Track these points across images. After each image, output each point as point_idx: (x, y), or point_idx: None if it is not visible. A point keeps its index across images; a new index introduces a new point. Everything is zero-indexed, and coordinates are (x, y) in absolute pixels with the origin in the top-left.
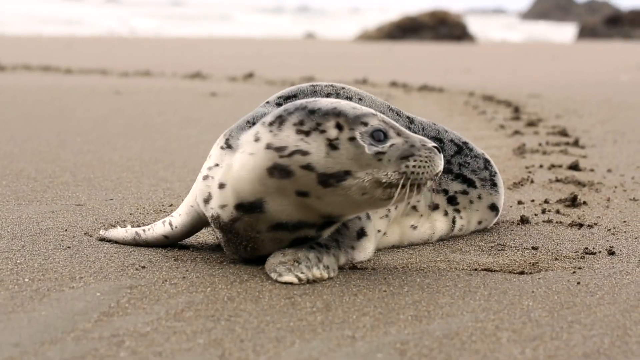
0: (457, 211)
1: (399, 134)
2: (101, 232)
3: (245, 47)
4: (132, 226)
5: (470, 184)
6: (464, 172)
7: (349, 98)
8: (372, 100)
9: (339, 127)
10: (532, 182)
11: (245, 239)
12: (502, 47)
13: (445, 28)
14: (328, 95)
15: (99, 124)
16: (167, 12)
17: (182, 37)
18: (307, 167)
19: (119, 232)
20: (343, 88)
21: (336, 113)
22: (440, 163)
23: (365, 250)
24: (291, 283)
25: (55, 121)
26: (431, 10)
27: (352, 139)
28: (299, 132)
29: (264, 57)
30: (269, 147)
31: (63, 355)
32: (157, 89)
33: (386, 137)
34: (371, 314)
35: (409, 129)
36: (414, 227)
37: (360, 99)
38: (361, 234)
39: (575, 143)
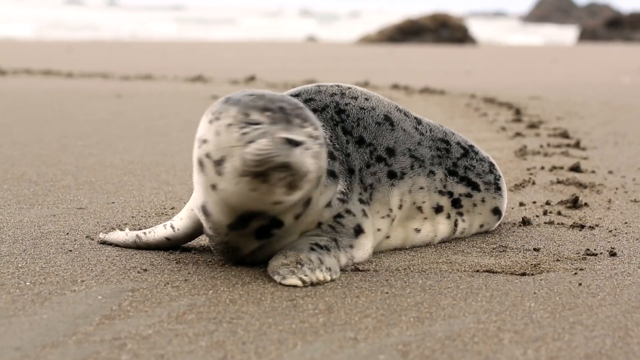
0: (460, 214)
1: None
2: (101, 235)
3: (246, 51)
4: (132, 229)
5: (475, 187)
6: (469, 175)
7: (355, 98)
8: (379, 100)
9: (224, 116)
10: (533, 183)
11: (221, 243)
12: (503, 50)
13: (447, 31)
14: (332, 95)
15: (100, 127)
16: (168, 15)
17: (183, 40)
18: (207, 155)
19: (119, 235)
20: (349, 88)
21: (232, 102)
22: (305, 161)
23: (363, 248)
24: (295, 286)
25: (56, 125)
26: (432, 13)
27: (230, 125)
28: (209, 122)
29: (266, 60)
30: (197, 140)
31: (65, 358)
32: (159, 93)
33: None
34: (373, 316)
35: (416, 129)
36: (417, 230)
37: (366, 99)
38: (358, 231)
39: (577, 145)
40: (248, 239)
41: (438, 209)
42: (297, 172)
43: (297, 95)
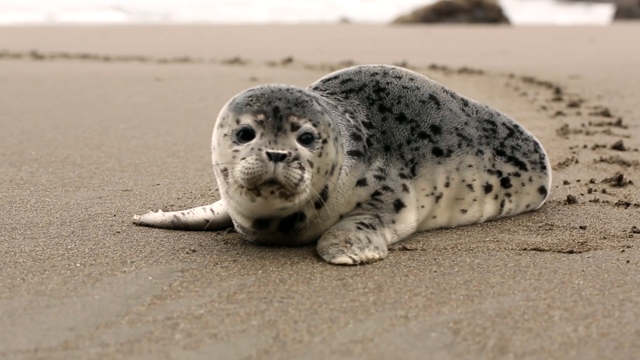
0: (508, 195)
1: (262, 135)
2: (135, 217)
3: (280, 32)
4: (168, 211)
5: (522, 166)
6: (516, 154)
7: (399, 77)
8: (424, 80)
9: (225, 123)
10: (576, 162)
11: (255, 239)
12: (538, 30)
13: (481, 11)
14: (374, 74)
15: (140, 110)
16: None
17: (217, 23)
18: (216, 163)
19: (155, 217)
20: (393, 69)
21: (231, 107)
22: (275, 170)
23: (406, 221)
24: (344, 264)
25: (97, 109)
26: None
27: (225, 135)
28: (216, 127)
29: (301, 42)
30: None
31: (118, 338)
32: (197, 75)
33: (253, 137)
34: (423, 294)
35: (463, 111)
36: (464, 211)
37: (411, 79)
38: (399, 205)
39: (618, 123)
40: (277, 235)
41: (488, 188)
42: (284, 185)
43: (336, 78)
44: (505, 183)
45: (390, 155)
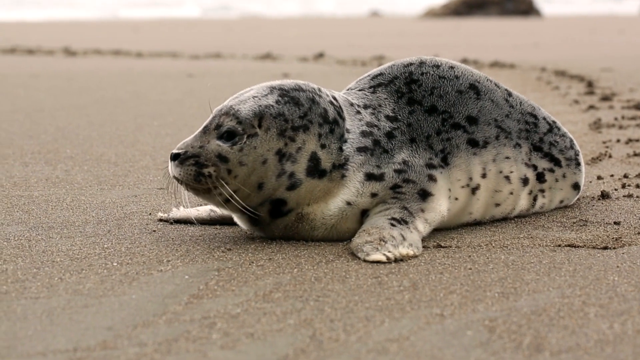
0: (542, 190)
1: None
2: (160, 215)
3: (310, 27)
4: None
5: (557, 163)
6: (553, 151)
7: (437, 66)
8: (466, 70)
9: None
10: (610, 156)
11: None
12: (567, 21)
13: (511, 3)
14: (408, 65)
15: (174, 107)
16: None
17: (248, 18)
18: None
19: (189, 212)
20: (432, 58)
21: None
22: (173, 170)
23: (435, 210)
24: (379, 262)
25: (130, 105)
26: None
27: None
28: None
29: (331, 37)
30: None
31: (156, 338)
32: (229, 71)
33: (234, 136)
34: (458, 292)
35: (507, 101)
36: (497, 205)
37: (451, 67)
38: (424, 194)
39: None
40: (270, 224)
41: (525, 181)
42: (182, 181)
43: (369, 75)
44: (540, 178)
45: (416, 147)
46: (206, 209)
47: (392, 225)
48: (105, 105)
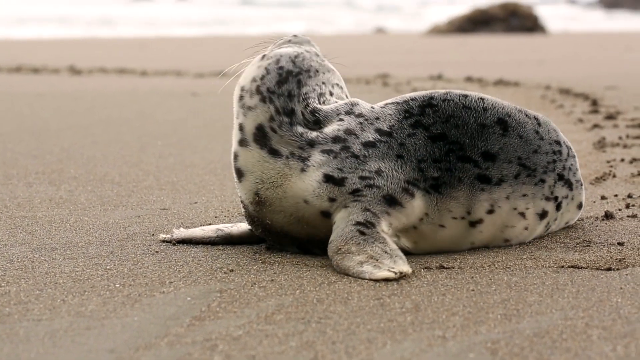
0: (556, 219)
1: None
2: (162, 236)
3: (317, 44)
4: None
5: (570, 187)
6: (570, 176)
7: (465, 96)
8: (496, 103)
9: None
10: (614, 176)
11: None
12: (574, 38)
13: (517, 20)
14: (434, 92)
15: (178, 126)
16: (237, 9)
17: (252, 35)
18: None
19: (194, 232)
20: (464, 91)
21: None
22: None
23: (400, 221)
24: (387, 279)
25: (135, 125)
26: (502, 2)
27: None
28: None
29: (337, 53)
30: None
31: None
32: (233, 90)
33: None
34: (460, 314)
35: (537, 133)
36: (507, 240)
37: (481, 99)
38: (392, 201)
39: None
40: (242, 190)
41: (543, 215)
42: None
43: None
44: (558, 207)
45: (402, 163)
46: (212, 228)
47: (362, 233)
48: (111, 125)
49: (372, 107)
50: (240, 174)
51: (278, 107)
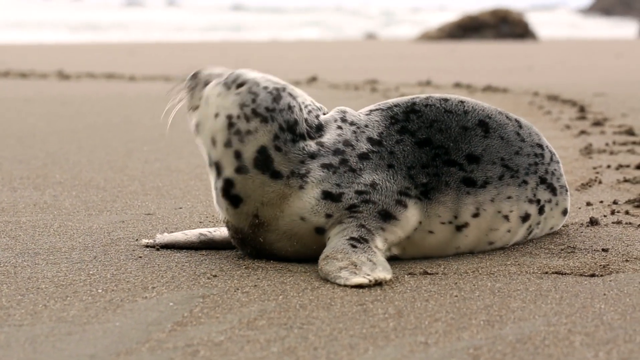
0: (538, 223)
1: None
2: (145, 241)
3: (306, 50)
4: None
5: (554, 192)
6: (553, 180)
7: (445, 100)
8: (476, 105)
9: None
10: (600, 182)
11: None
12: (564, 45)
13: (507, 26)
14: (415, 97)
15: (165, 132)
16: (227, 15)
17: (241, 41)
18: None
19: (176, 236)
20: (444, 95)
21: None
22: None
23: (395, 234)
24: (361, 285)
25: (122, 130)
26: (492, 9)
27: None
28: None
29: (326, 60)
30: None
31: None
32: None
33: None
34: (443, 320)
35: (518, 135)
36: (491, 243)
37: (461, 102)
38: (386, 216)
39: None
40: (234, 215)
41: (525, 218)
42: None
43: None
44: (541, 210)
45: (393, 173)
46: (195, 233)
47: (353, 246)
48: (97, 130)
49: (359, 115)
50: (237, 200)
51: (281, 123)
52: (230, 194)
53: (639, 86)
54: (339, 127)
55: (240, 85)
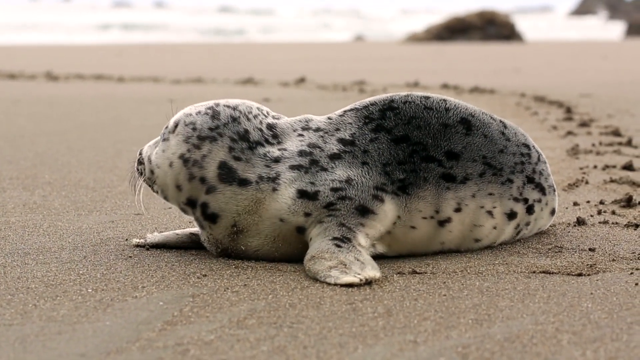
0: (527, 224)
1: None
2: (136, 241)
3: (295, 52)
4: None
5: (543, 191)
6: (541, 180)
7: (426, 98)
8: (459, 104)
9: None
10: (586, 183)
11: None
12: (550, 46)
13: (494, 28)
14: (394, 95)
15: (154, 132)
16: (215, 17)
17: (231, 42)
18: None
19: (167, 235)
20: (426, 94)
21: None
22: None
23: (375, 229)
24: (352, 284)
25: (111, 131)
26: (479, 11)
27: None
28: None
29: (314, 61)
30: None
31: None
32: (210, 96)
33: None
34: (432, 319)
35: (503, 134)
36: (477, 240)
37: (444, 100)
38: (364, 211)
39: (629, 143)
40: (214, 231)
41: (511, 215)
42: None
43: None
44: (529, 210)
45: (368, 170)
46: (186, 232)
47: (338, 246)
48: (86, 131)
49: (329, 118)
50: (214, 217)
51: (231, 135)
52: (207, 213)
53: (625, 87)
54: (301, 135)
55: (175, 127)
